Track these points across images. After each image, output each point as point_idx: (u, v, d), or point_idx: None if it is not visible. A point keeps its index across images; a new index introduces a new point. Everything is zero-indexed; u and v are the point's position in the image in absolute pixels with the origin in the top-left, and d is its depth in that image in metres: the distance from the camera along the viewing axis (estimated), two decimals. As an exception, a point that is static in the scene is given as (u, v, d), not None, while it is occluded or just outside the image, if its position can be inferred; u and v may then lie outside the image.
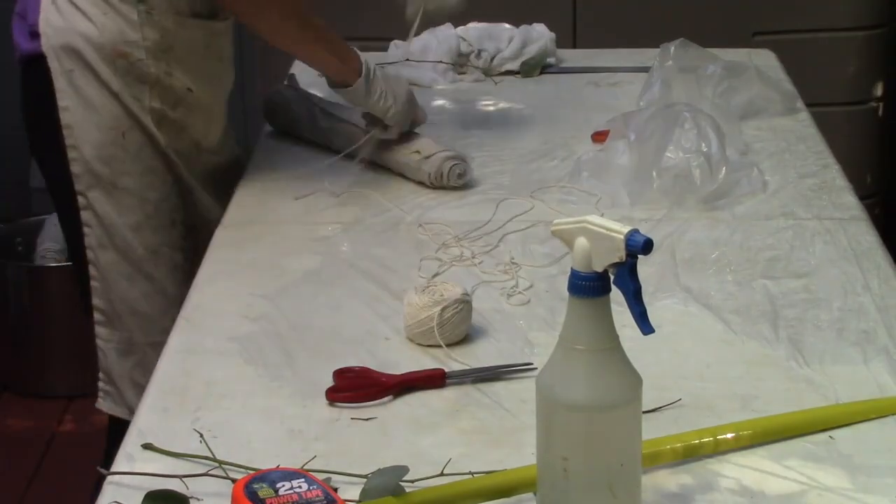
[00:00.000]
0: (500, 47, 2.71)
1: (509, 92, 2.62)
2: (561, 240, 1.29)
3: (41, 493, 3.17)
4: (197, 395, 1.61)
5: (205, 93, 2.18)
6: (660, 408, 1.53)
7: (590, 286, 1.26)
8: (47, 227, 3.65)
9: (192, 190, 2.19)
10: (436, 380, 1.61)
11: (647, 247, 1.24)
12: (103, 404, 2.18)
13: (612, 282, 1.27)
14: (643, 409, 1.31)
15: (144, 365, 2.05)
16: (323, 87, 2.43)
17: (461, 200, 2.13)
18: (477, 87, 2.65)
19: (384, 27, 2.90)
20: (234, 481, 1.35)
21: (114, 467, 1.46)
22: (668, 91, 2.35)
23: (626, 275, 1.26)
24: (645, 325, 1.28)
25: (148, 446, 1.49)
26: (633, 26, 3.31)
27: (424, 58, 2.67)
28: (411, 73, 2.65)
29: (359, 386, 1.59)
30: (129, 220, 2.12)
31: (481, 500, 1.38)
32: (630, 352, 1.29)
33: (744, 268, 1.89)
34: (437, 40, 2.69)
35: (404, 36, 2.74)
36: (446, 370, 1.62)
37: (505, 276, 1.88)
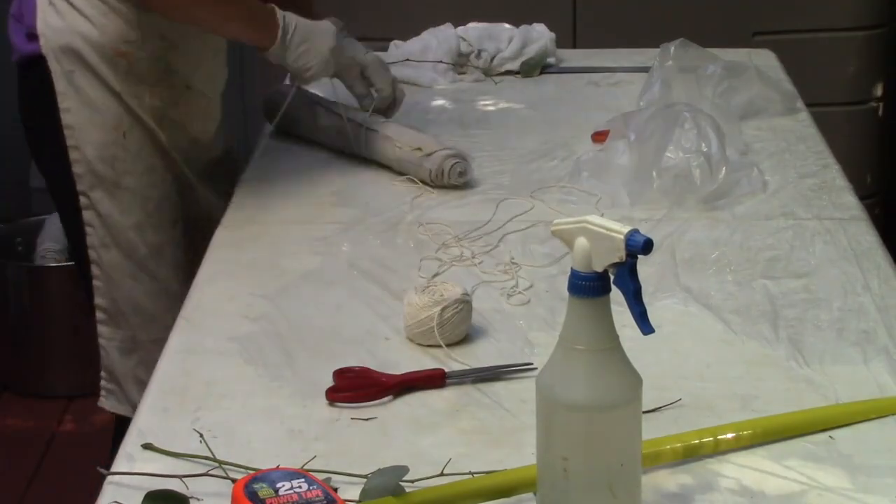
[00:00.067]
0: (500, 47, 2.71)
1: (509, 92, 2.62)
2: (561, 240, 1.29)
3: (41, 493, 3.17)
4: (197, 395, 1.61)
5: (203, 89, 2.19)
6: (660, 408, 1.53)
7: (590, 286, 1.26)
8: (47, 227, 3.65)
9: (192, 187, 2.20)
10: (436, 380, 1.61)
11: (647, 247, 1.24)
12: (105, 403, 2.18)
13: (612, 282, 1.27)
14: (643, 409, 1.31)
15: (148, 362, 2.05)
16: (323, 85, 2.43)
17: (461, 200, 2.13)
18: (477, 87, 2.65)
19: (384, 27, 2.91)
20: (234, 481, 1.35)
21: (114, 467, 1.46)
22: (668, 91, 2.35)
23: (626, 275, 1.26)
24: (645, 325, 1.28)
25: (148, 446, 1.49)
26: (633, 26, 3.31)
27: (424, 58, 2.67)
28: (411, 73, 2.65)
29: (359, 386, 1.59)
30: (132, 219, 2.13)
31: (481, 500, 1.38)
32: (630, 352, 1.29)
33: (744, 268, 1.89)
34: (437, 40, 2.69)
35: (404, 36, 2.75)
36: (446, 370, 1.62)
37: (505, 276, 1.88)
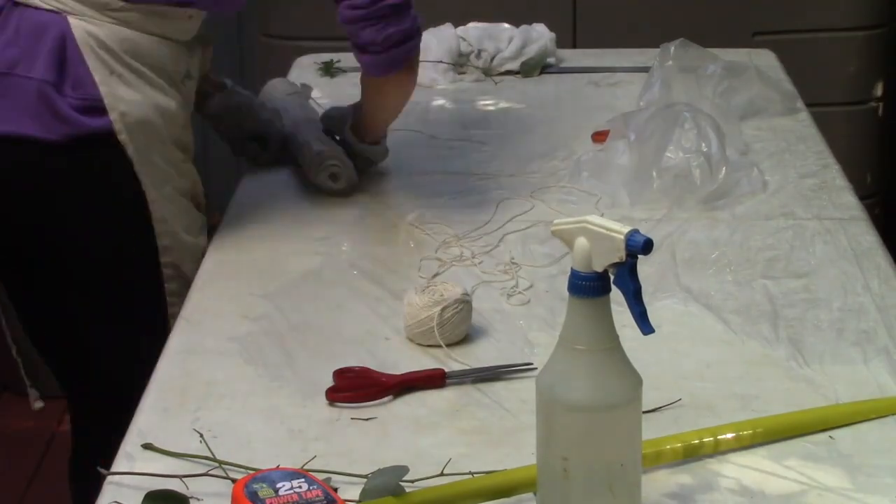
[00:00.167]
0: (500, 47, 2.71)
1: (509, 92, 2.62)
2: (561, 240, 1.29)
3: (41, 493, 3.17)
4: (197, 395, 1.61)
5: None
6: (660, 408, 1.53)
7: (590, 286, 1.26)
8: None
9: None
10: (436, 380, 1.61)
11: (647, 247, 1.24)
12: None
13: (612, 282, 1.27)
14: (643, 409, 1.31)
15: None
16: (321, 86, 2.43)
17: (461, 200, 2.13)
18: (477, 87, 2.65)
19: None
20: (234, 481, 1.35)
21: (114, 467, 1.46)
22: (668, 91, 2.35)
23: (626, 275, 1.26)
24: (645, 325, 1.28)
25: (148, 446, 1.49)
26: (633, 26, 3.30)
27: (424, 58, 2.66)
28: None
29: (359, 386, 1.59)
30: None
31: (481, 500, 1.38)
32: (630, 352, 1.29)
33: (744, 268, 1.89)
34: (437, 40, 2.69)
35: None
36: (446, 370, 1.62)
37: (505, 276, 1.88)
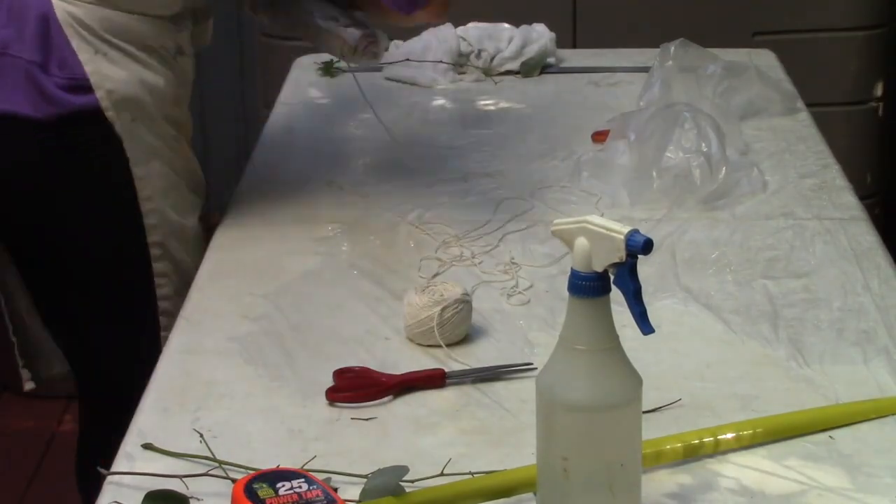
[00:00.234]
0: (500, 47, 2.71)
1: (509, 92, 2.62)
2: (561, 240, 1.29)
3: (41, 493, 3.17)
4: (197, 395, 1.61)
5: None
6: (660, 408, 1.53)
7: (590, 286, 1.26)
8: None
9: None
10: (436, 380, 1.61)
11: (647, 247, 1.24)
12: None
13: (612, 282, 1.27)
14: (643, 409, 1.31)
15: None
16: (321, 86, 2.44)
17: (461, 200, 2.13)
18: (477, 87, 2.65)
19: (384, 27, 2.90)
20: (234, 481, 1.35)
21: (114, 467, 1.46)
22: (668, 91, 2.35)
23: (626, 275, 1.26)
24: (645, 325, 1.28)
25: (148, 446, 1.49)
26: (633, 26, 3.30)
27: (424, 58, 2.67)
28: (411, 73, 2.65)
29: (359, 386, 1.59)
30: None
31: (481, 500, 1.38)
32: (630, 352, 1.29)
33: (744, 268, 1.89)
34: (437, 40, 2.69)
35: (404, 36, 2.75)
36: (446, 370, 1.62)
37: (505, 276, 1.88)
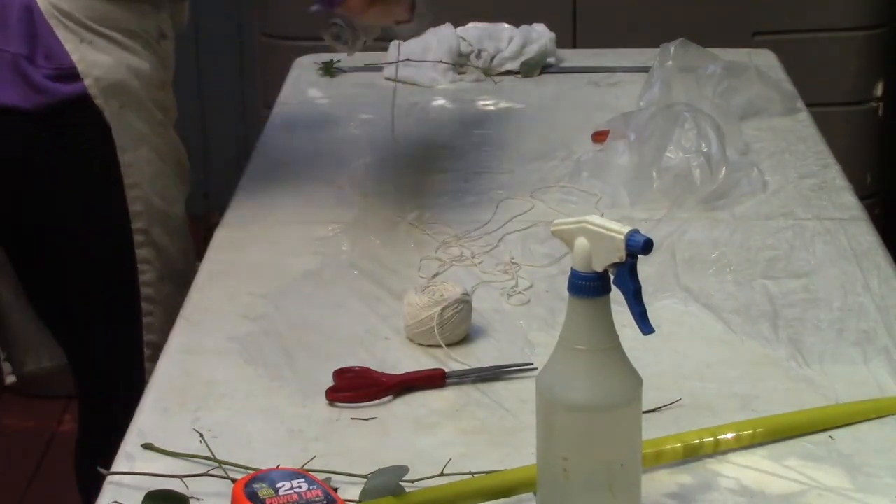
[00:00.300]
0: (500, 47, 2.71)
1: (509, 92, 2.62)
2: (561, 240, 1.29)
3: (41, 493, 3.17)
4: (197, 395, 1.61)
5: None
6: (660, 408, 1.53)
7: (590, 286, 1.26)
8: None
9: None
10: (436, 380, 1.61)
11: (648, 247, 1.24)
12: None
13: (612, 282, 1.27)
14: (643, 409, 1.31)
15: None
16: (321, 86, 2.44)
17: (461, 200, 2.13)
18: (477, 87, 2.65)
19: (384, 27, 2.90)
20: (234, 481, 1.35)
21: (114, 467, 1.46)
22: (668, 91, 2.35)
23: (626, 275, 1.26)
24: (645, 325, 1.28)
25: (148, 446, 1.49)
26: (633, 26, 3.31)
27: (424, 58, 2.67)
28: (411, 73, 2.65)
29: (359, 386, 1.59)
30: (181, 246, 2.09)
31: (481, 500, 1.38)
32: (630, 352, 1.29)
33: (744, 268, 1.89)
34: (437, 40, 2.69)
35: (403, 36, 2.75)
36: (446, 370, 1.62)
37: (505, 276, 1.88)
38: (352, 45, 2.10)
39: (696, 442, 1.45)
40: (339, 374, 1.61)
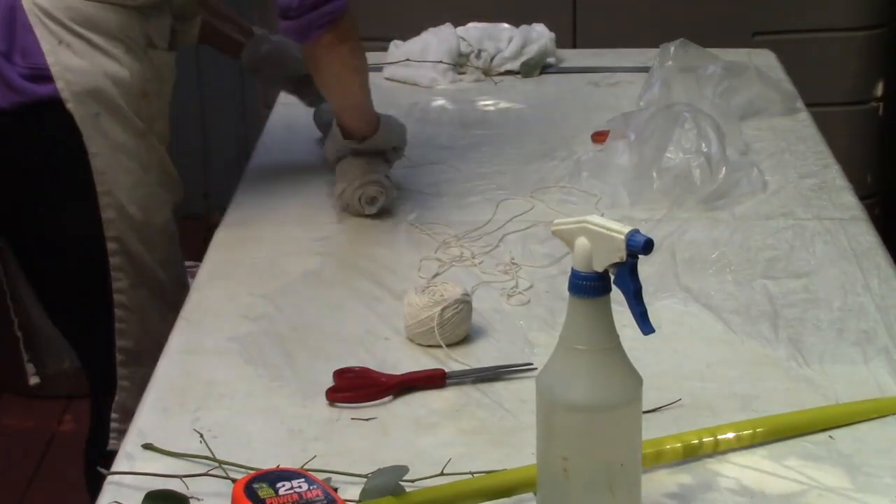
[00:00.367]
0: (500, 47, 2.71)
1: (509, 92, 2.62)
2: (561, 240, 1.29)
3: (41, 493, 3.17)
4: (197, 395, 1.61)
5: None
6: (660, 408, 1.53)
7: (590, 286, 1.26)
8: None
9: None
10: (436, 380, 1.61)
11: (648, 247, 1.24)
12: (118, 444, 2.12)
13: (613, 282, 1.27)
14: (643, 409, 1.31)
15: None
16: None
17: (461, 200, 2.13)
18: (477, 87, 2.65)
19: (384, 27, 2.90)
20: (234, 481, 1.35)
21: (114, 467, 1.46)
22: (668, 91, 2.35)
23: (627, 275, 1.26)
24: (645, 325, 1.28)
25: (148, 446, 1.49)
26: (633, 26, 3.31)
27: (424, 58, 2.67)
28: (411, 73, 2.65)
29: (359, 386, 1.59)
30: (159, 256, 2.07)
31: (481, 500, 1.38)
32: (630, 352, 1.29)
33: (744, 268, 1.89)
34: (437, 40, 2.69)
35: (404, 36, 2.75)
36: (446, 370, 1.62)
37: (505, 276, 1.88)
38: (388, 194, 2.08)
39: (696, 442, 1.45)
40: (339, 374, 1.61)
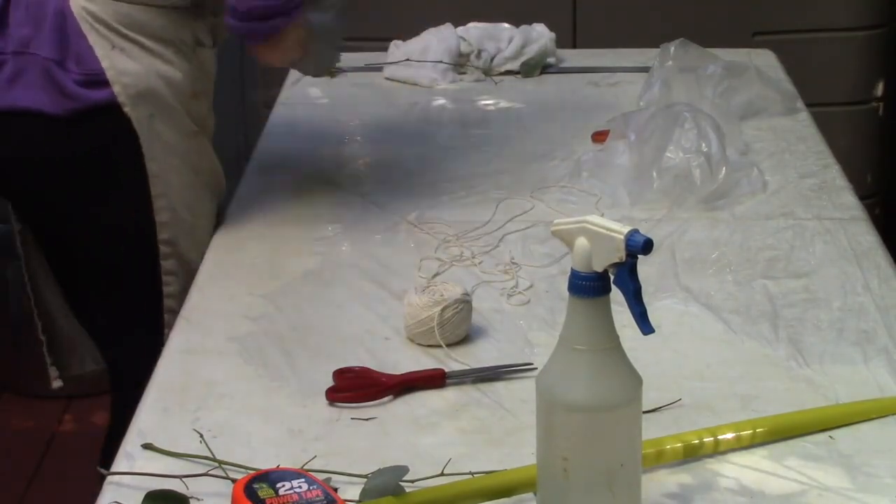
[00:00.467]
0: (500, 47, 2.71)
1: (509, 92, 2.62)
2: (561, 240, 1.29)
3: (41, 493, 3.17)
4: (197, 395, 1.61)
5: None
6: (660, 408, 1.53)
7: (590, 286, 1.26)
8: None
9: None
10: (436, 380, 1.61)
11: (648, 247, 1.24)
12: None
13: (612, 282, 1.27)
14: (643, 409, 1.31)
15: None
16: (321, 86, 2.43)
17: (461, 200, 2.13)
18: (477, 87, 2.65)
19: (384, 27, 2.90)
20: (234, 481, 1.35)
21: (114, 467, 1.46)
22: (668, 91, 2.35)
23: (626, 275, 1.26)
24: (645, 325, 1.28)
25: (148, 446, 1.49)
26: (633, 26, 3.31)
27: (424, 58, 2.67)
28: (411, 73, 2.65)
29: (359, 386, 1.59)
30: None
31: (481, 500, 1.38)
32: (630, 352, 1.29)
33: (744, 268, 1.89)
34: (437, 40, 2.69)
35: (404, 36, 2.75)
36: (446, 370, 1.62)
37: (505, 276, 1.88)
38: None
39: (696, 442, 1.45)
40: (339, 374, 1.61)
